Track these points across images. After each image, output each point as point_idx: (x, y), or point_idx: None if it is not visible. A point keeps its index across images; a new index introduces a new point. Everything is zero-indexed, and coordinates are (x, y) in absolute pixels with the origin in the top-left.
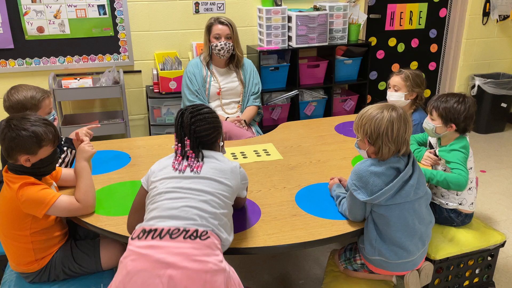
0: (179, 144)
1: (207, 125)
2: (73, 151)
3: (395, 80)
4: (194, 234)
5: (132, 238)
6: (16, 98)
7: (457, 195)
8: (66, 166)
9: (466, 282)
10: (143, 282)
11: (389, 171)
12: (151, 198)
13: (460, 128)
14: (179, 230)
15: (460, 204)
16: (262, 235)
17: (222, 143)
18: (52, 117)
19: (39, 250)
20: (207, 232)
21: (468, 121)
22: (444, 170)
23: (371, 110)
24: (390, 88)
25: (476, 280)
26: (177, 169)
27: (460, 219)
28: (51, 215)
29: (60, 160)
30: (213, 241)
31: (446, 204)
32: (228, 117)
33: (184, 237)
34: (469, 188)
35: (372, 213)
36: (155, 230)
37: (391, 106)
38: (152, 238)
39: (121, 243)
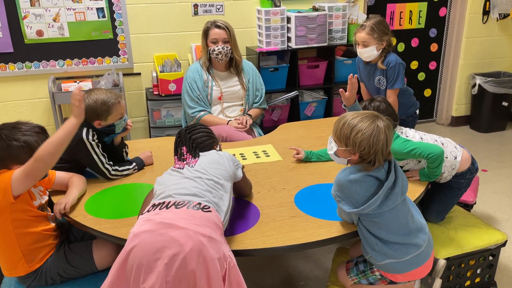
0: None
1: (202, 133)
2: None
3: (361, 36)
4: (197, 205)
5: (142, 213)
6: (87, 103)
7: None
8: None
9: (468, 282)
10: (146, 240)
11: (369, 178)
12: (157, 193)
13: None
14: (183, 202)
15: (455, 158)
16: (260, 237)
17: (218, 149)
18: (124, 121)
19: (29, 255)
20: (209, 207)
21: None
22: (419, 162)
23: (362, 124)
24: (359, 45)
25: (477, 280)
26: (177, 168)
27: (464, 180)
28: (18, 192)
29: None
30: (215, 216)
31: (444, 174)
32: (230, 120)
33: (187, 208)
34: (441, 143)
35: (362, 220)
36: (163, 202)
37: (376, 116)
38: (160, 209)
39: (114, 242)
